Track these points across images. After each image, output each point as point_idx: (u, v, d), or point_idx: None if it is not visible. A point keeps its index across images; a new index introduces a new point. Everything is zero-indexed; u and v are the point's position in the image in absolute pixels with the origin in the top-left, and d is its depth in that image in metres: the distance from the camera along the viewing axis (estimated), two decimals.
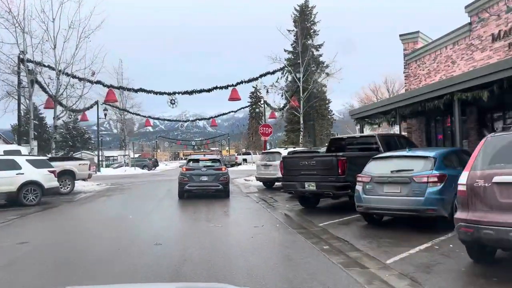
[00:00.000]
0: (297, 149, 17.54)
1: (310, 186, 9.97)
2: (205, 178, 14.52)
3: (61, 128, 72.01)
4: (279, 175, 16.81)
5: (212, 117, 39.63)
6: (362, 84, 75.12)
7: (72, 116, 30.89)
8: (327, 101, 59.04)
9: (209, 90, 23.78)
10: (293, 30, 55.66)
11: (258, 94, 75.30)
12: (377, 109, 18.36)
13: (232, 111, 40.78)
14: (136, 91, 23.46)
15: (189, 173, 14.61)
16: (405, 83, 22.94)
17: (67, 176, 18.07)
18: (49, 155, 22.72)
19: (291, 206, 11.72)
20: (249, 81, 23.77)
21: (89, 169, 19.09)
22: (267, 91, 24.22)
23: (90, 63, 20.83)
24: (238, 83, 23.71)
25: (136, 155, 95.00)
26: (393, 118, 17.95)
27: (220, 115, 40.11)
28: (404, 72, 22.60)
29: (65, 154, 68.61)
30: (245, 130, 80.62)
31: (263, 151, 18.06)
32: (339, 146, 11.80)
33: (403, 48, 22.02)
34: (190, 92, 23.66)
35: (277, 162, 16.75)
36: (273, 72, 24.32)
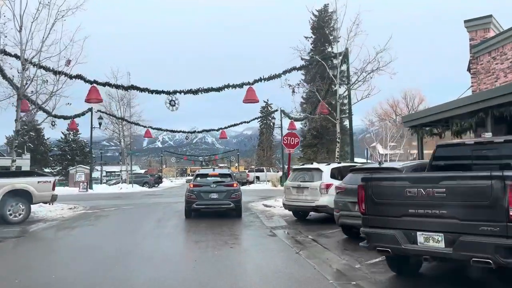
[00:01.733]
0: (348, 163, 12.38)
1: (432, 241, 4.66)
2: (215, 196, 13.03)
3: (60, 140, 67.46)
4: (321, 202, 11.53)
5: (221, 128, 34.57)
6: (380, 100, 69.92)
7: (55, 124, 25.82)
8: (347, 114, 53.62)
9: (219, 89, 18.71)
10: (311, 37, 50.95)
11: (269, 108, 70.32)
12: (453, 111, 13.10)
13: (245, 122, 35.89)
14: (126, 88, 18.50)
15: (197, 190, 13.11)
16: (472, 83, 17.54)
17: (19, 198, 12.93)
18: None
19: (367, 268, 6.40)
20: (270, 78, 18.66)
21: (53, 189, 13.92)
22: (293, 91, 19.07)
23: (64, 47, 15.85)
24: (256, 81, 18.63)
25: (142, 171, 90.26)
26: (479, 123, 12.70)
27: (231, 126, 35.12)
28: (471, 69, 17.30)
29: (63, 168, 63.90)
30: (255, 146, 75.39)
31: (294, 167, 12.79)
32: (455, 160, 6.50)
33: (470, 38, 16.87)
34: (195, 91, 18.60)
35: (317, 184, 11.50)
36: (300, 68, 19.24)
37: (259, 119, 74.90)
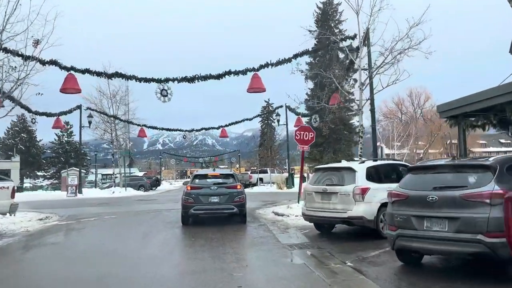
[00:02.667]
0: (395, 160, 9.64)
1: None
2: (215, 199, 11.44)
3: (54, 142, 64.60)
4: (355, 212, 8.62)
5: (222, 126, 31.82)
6: (384, 98, 67.26)
7: (36, 121, 23.12)
8: (355, 112, 50.71)
9: (218, 76, 15.93)
10: (315, 30, 48.21)
11: (270, 108, 67.45)
12: None
13: (247, 119, 33.15)
14: (110, 76, 15.72)
15: (195, 193, 11.45)
16: None
17: None
18: None
19: None
20: (279, 63, 15.87)
21: (13, 196, 11.14)
22: (306, 77, 16.24)
23: (31, 23, 13.01)
24: (262, 66, 15.85)
25: (141, 173, 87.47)
26: None
27: (232, 123, 32.40)
28: None
29: (57, 171, 61.05)
30: (258, 147, 72.63)
31: (317, 166, 9.96)
32: None
33: None
34: (191, 79, 15.82)
35: (349, 188, 8.73)
36: (315, 51, 16.48)
37: (260, 120, 72.24)
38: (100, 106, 33.42)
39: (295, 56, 16.21)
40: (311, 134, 15.10)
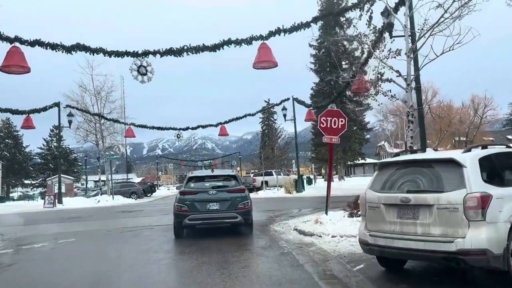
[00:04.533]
0: None
1: None
2: (215, 206, 9.55)
3: (42, 148, 60.57)
4: (471, 241, 4.29)
5: (221, 123, 27.79)
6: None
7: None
8: (365, 107, 46.75)
9: (215, 48, 11.91)
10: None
11: (271, 109, 63.52)
12: None
13: (249, 114, 29.18)
14: (69, 49, 11.74)
15: (190, 199, 9.58)
16: None
17: None
18: None
19: None
20: (294, 29, 11.90)
21: None
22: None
23: None
24: (272, 33, 11.88)
25: (139, 179, 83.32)
26: None
27: (232, 120, 28.38)
28: None
29: (45, 179, 57.02)
30: (257, 150, 68.71)
31: (386, 160, 5.89)
32: None
33: None
34: (178, 52, 11.88)
35: (456, 197, 4.60)
36: (343, 11, 12.51)
37: (260, 121, 68.40)
38: (82, 103, 29.52)
39: (315, 19, 12.24)
40: (342, 121, 11.11)
